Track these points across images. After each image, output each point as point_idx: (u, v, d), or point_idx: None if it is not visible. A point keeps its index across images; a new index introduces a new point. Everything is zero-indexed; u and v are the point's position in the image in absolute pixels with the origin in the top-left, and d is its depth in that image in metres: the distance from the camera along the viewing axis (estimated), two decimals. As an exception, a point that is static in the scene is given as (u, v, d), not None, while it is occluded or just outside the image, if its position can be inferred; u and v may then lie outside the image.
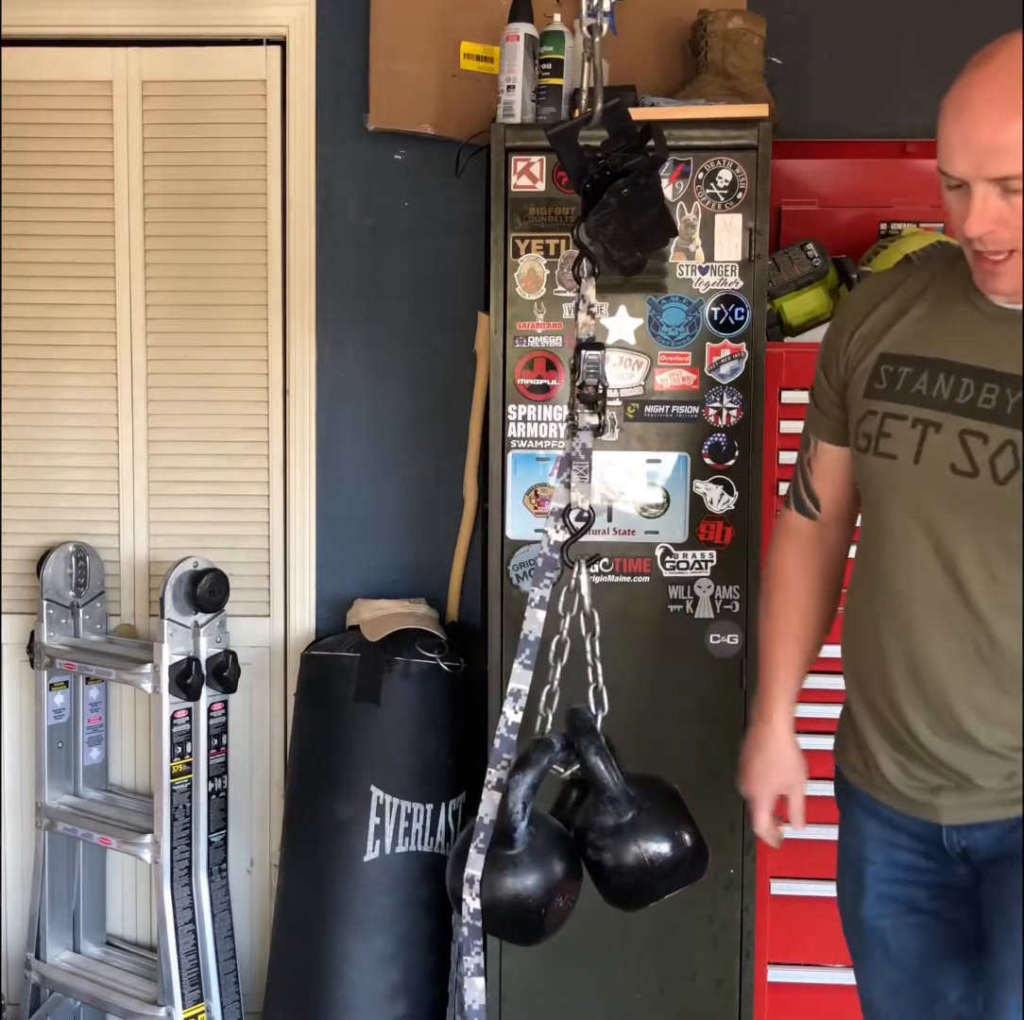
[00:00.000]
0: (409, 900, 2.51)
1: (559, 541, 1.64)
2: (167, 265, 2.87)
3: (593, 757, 1.54)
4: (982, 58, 1.46)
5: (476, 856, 1.41)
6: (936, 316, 1.53)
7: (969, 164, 1.38)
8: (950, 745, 1.52)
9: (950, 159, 1.40)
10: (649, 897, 1.61)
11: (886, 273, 1.79)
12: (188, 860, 2.62)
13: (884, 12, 2.74)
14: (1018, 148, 1.35)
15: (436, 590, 2.83)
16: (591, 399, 1.47)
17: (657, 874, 1.58)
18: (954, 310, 1.51)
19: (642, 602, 2.33)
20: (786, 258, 2.45)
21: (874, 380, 1.55)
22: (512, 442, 2.35)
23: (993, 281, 1.46)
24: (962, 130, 1.39)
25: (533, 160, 2.30)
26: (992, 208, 1.38)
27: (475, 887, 1.41)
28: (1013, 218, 1.38)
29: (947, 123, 1.41)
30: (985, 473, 1.44)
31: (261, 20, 2.79)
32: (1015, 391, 1.44)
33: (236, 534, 2.90)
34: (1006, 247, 1.41)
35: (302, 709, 2.67)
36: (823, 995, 2.46)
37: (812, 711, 2.41)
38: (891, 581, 1.54)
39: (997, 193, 1.38)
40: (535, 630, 1.59)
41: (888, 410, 1.52)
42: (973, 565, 1.47)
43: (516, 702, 1.52)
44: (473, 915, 1.41)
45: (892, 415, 1.51)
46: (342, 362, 2.86)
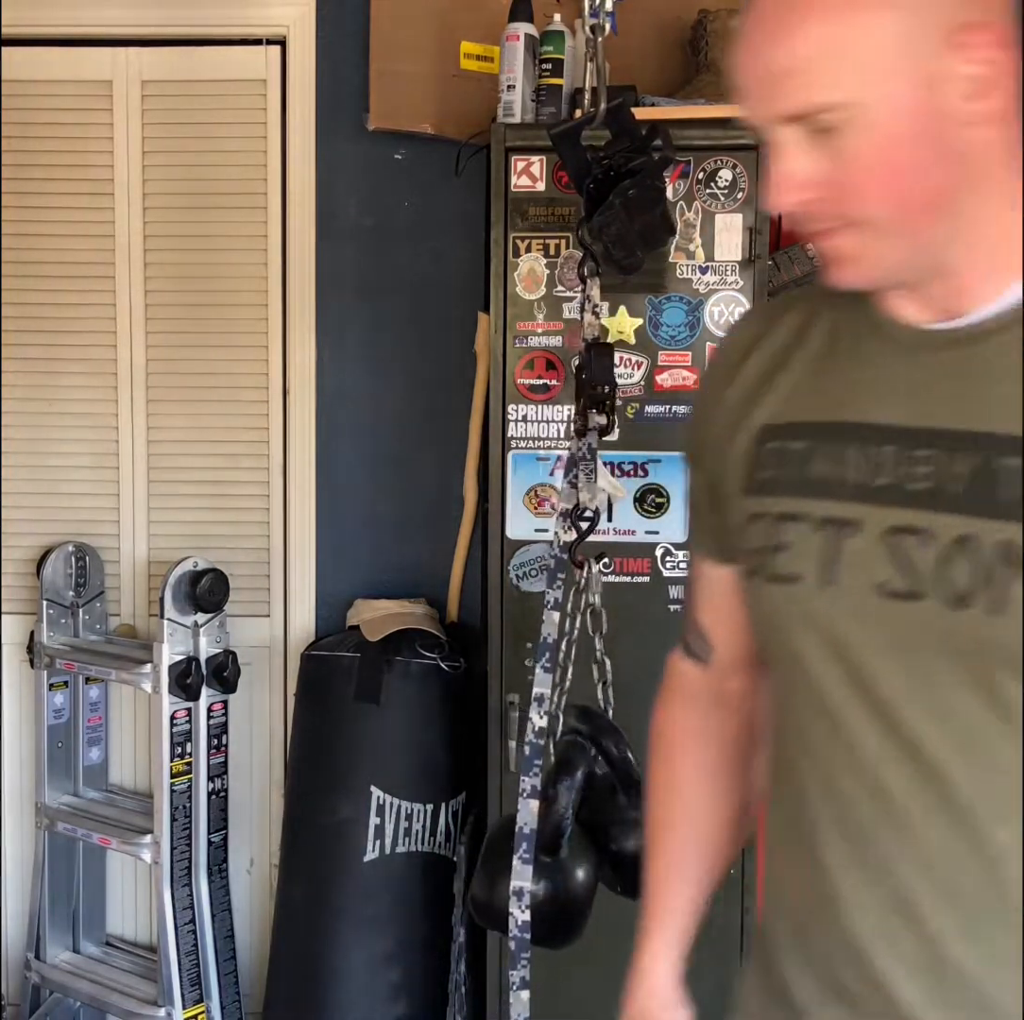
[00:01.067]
0: (409, 900, 2.51)
1: (568, 541, 1.63)
2: (167, 265, 2.86)
3: (625, 752, 1.54)
4: None
5: (522, 867, 1.39)
6: (834, 359, 1.02)
7: (762, 100, 0.93)
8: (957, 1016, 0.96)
9: (743, 100, 0.95)
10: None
11: (761, 306, 1.27)
12: (188, 860, 2.62)
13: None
14: (826, 65, 0.89)
15: (436, 590, 2.83)
16: (600, 399, 1.47)
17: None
18: (859, 346, 1.01)
19: (642, 602, 2.33)
20: (786, 258, 2.45)
21: (755, 467, 1.04)
22: (512, 442, 2.35)
23: (844, 270, 0.97)
24: (751, 55, 0.93)
25: (533, 160, 2.30)
26: (802, 160, 0.92)
27: (524, 899, 1.39)
28: (838, 169, 0.91)
29: (737, 53, 0.95)
30: (932, 592, 0.92)
31: (261, 20, 2.79)
32: (966, 455, 0.92)
33: (236, 534, 2.90)
34: (839, 215, 0.93)
35: (302, 709, 2.67)
36: (823, 995, 2.46)
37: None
38: (823, 778, 1.00)
39: (805, 138, 0.91)
40: (552, 633, 1.59)
41: (781, 509, 1.01)
42: (945, 745, 0.93)
43: (541, 707, 1.51)
44: (521, 927, 1.39)
45: (787, 516, 1.00)
46: (342, 362, 2.86)
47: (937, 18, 0.88)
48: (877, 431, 0.97)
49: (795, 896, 1.06)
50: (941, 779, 0.93)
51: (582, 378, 1.46)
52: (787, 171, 0.93)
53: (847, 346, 1.02)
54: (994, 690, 0.91)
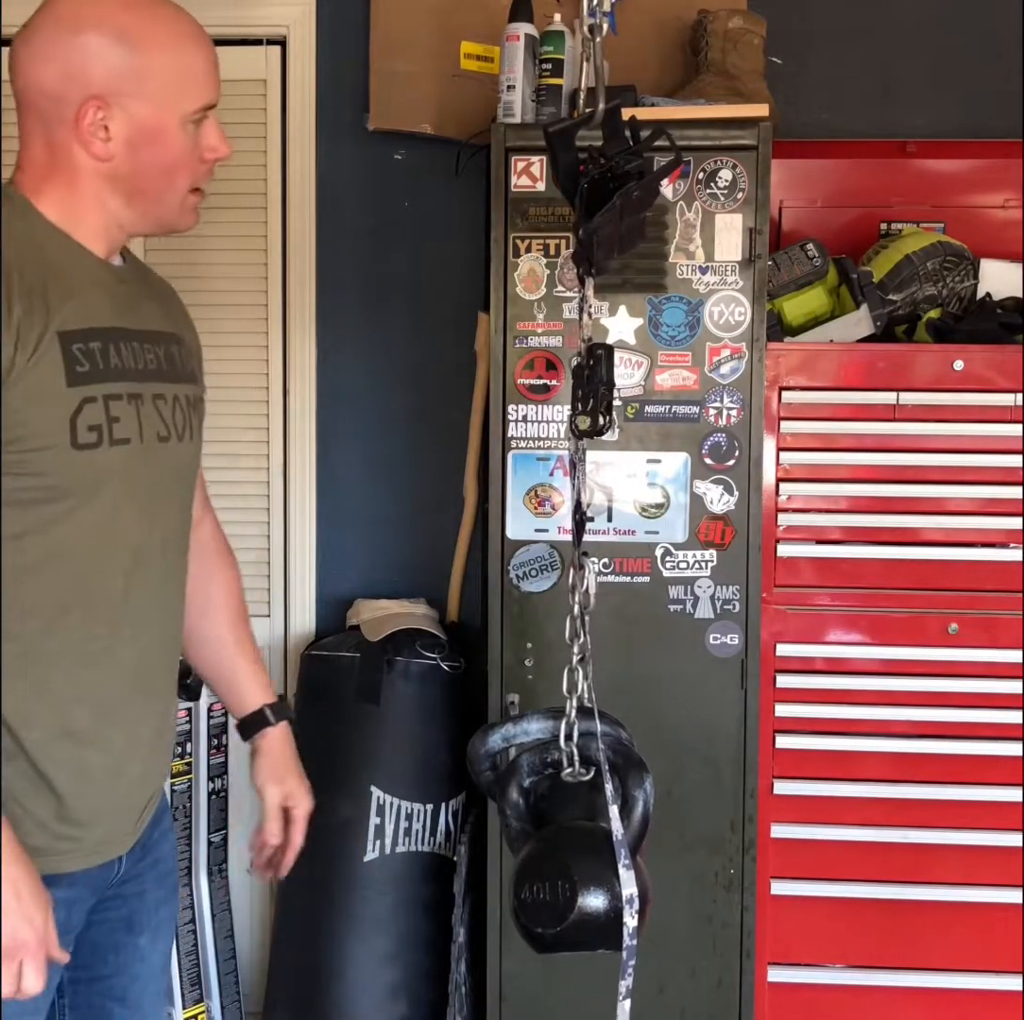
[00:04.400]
0: (409, 900, 2.51)
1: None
2: (167, 265, 2.84)
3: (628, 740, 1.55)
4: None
5: (628, 874, 1.40)
6: (72, 276, 1.36)
7: (217, 85, 1.47)
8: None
9: (208, 87, 1.45)
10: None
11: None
12: (188, 860, 2.63)
13: (884, 12, 2.74)
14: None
15: (436, 590, 2.83)
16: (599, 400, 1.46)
17: (644, 830, 1.58)
18: (87, 271, 1.39)
19: (642, 602, 2.33)
20: (786, 258, 2.45)
21: (73, 363, 1.32)
22: (512, 442, 2.34)
23: (194, 215, 1.51)
24: (213, 60, 1.46)
25: (533, 160, 2.30)
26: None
27: (635, 904, 1.39)
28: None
29: (190, 53, 1.42)
30: (172, 434, 1.45)
31: (261, 20, 2.79)
32: (160, 345, 1.46)
33: (236, 534, 2.88)
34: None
35: (302, 709, 2.66)
36: (823, 995, 2.46)
37: (814, 712, 2.42)
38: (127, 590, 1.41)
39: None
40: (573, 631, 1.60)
41: (105, 392, 1.35)
42: (182, 537, 1.52)
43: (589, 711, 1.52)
44: (632, 934, 1.40)
45: (111, 396, 1.36)
46: (342, 362, 2.86)
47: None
48: (127, 333, 1.40)
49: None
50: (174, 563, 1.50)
51: (582, 378, 1.46)
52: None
53: (78, 270, 1.38)
54: (187, 493, 1.52)
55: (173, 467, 1.48)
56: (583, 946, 1.44)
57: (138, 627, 1.43)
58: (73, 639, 1.37)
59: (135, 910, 1.54)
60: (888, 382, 2.36)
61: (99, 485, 1.35)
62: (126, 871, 1.49)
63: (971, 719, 2.39)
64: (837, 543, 2.40)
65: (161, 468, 1.45)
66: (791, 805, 2.42)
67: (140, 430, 1.40)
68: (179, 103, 1.41)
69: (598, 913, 1.39)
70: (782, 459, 2.38)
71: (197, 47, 1.44)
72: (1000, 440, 2.36)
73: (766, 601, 2.37)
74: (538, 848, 1.48)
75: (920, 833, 2.41)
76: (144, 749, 1.47)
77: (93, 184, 1.39)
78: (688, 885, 2.35)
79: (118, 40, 1.35)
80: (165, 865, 1.59)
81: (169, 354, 1.48)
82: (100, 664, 1.39)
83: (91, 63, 1.35)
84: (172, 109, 1.40)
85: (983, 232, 2.63)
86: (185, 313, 1.62)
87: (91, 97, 1.35)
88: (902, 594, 2.39)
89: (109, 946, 1.52)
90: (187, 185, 1.45)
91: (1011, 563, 2.37)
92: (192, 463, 1.55)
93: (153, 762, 1.51)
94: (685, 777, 2.33)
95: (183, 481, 1.52)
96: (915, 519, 2.38)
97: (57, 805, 1.37)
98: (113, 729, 1.42)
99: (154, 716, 1.50)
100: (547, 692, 2.29)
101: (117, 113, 1.36)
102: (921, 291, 2.49)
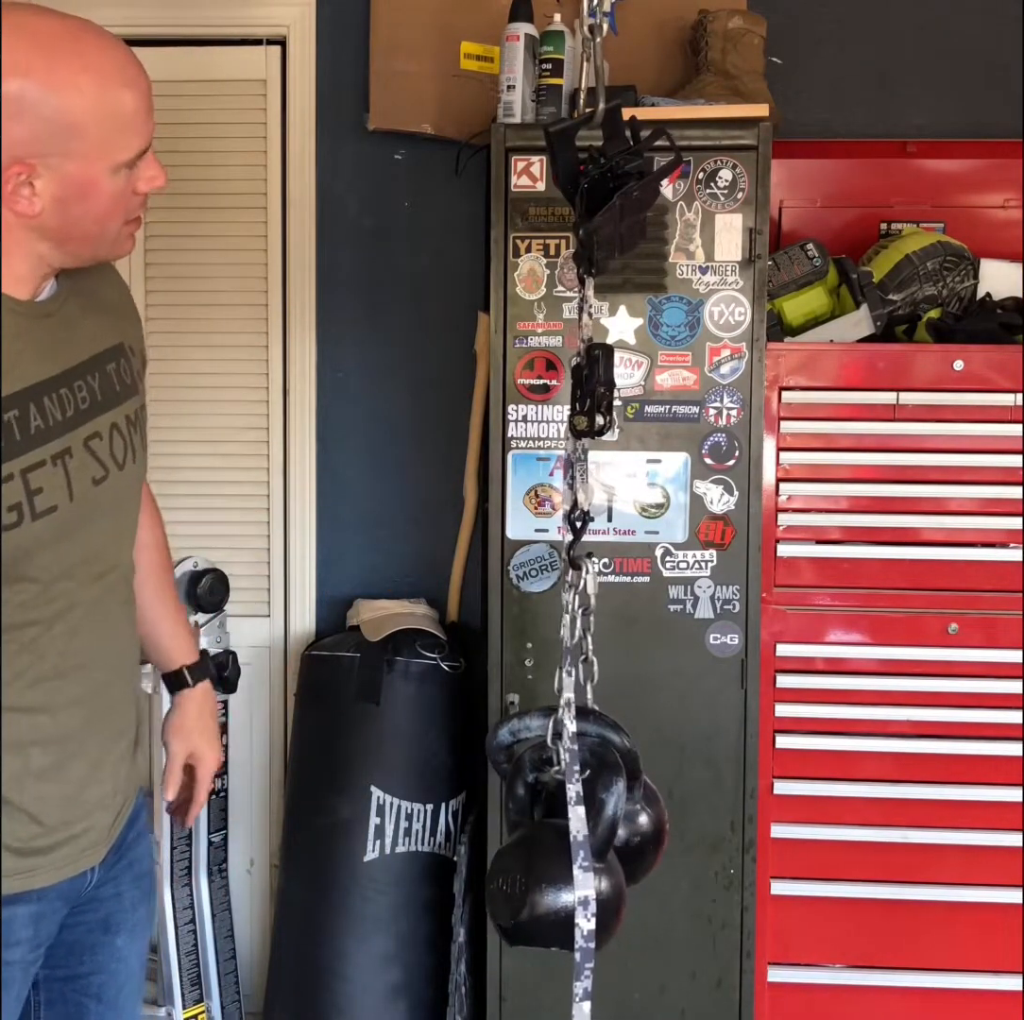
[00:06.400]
0: (409, 900, 2.51)
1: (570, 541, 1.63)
2: (167, 265, 2.87)
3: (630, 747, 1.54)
4: (88, 32, 1.29)
5: (584, 876, 1.39)
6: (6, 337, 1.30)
7: (150, 124, 1.36)
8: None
9: (141, 131, 1.34)
10: (658, 855, 1.59)
11: None
12: (188, 860, 2.62)
13: (884, 12, 2.74)
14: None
15: (436, 590, 2.83)
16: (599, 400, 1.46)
17: (663, 832, 1.58)
18: (6, 327, 1.29)
19: (642, 602, 2.33)
20: (786, 258, 2.45)
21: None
22: (512, 442, 2.34)
23: (130, 242, 1.41)
24: (145, 95, 1.35)
25: (533, 160, 2.30)
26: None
27: (590, 907, 1.39)
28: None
29: (119, 96, 1.29)
30: (111, 468, 1.40)
31: (261, 20, 2.79)
32: (95, 373, 1.39)
33: (236, 534, 2.90)
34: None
35: (302, 709, 2.67)
36: (823, 995, 2.46)
37: (814, 712, 2.42)
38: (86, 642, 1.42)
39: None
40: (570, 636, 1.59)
41: (23, 466, 1.28)
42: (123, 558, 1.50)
43: (570, 711, 1.51)
44: (587, 937, 1.39)
45: (30, 467, 1.29)
46: (342, 362, 2.86)
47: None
48: (54, 381, 1.33)
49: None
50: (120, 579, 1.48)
51: (582, 379, 1.45)
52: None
53: (8, 332, 1.30)
54: (131, 517, 1.51)
55: (112, 502, 1.43)
56: (539, 943, 1.45)
57: (90, 665, 1.43)
58: (23, 684, 1.36)
59: (112, 911, 1.54)
60: (888, 382, 2.36)
61: (30, 557, 1.32)
62: (100, 877, 1.50)
63: (971, 719, 2.39)
64: (837, 543, 2.40)
65: (101, 512, 1.41)
66: (791, 805, 2.42)
67: (69, 489, 1.34)
68: (110, 155, 1.30)
69: (549, 912, 1.40)
70: (782, 459, 2.38)
71: (125, 86, 1.30)
72: (1000, 440, 2.36)
73: (766, 601, 2.37)
74: (511, 843, 1.50)
75: (920, 833, 2.41)
76: (108, 770, 1.48)
77: (19, 234, 1.30)
78: (688, 885, 2.35)
79: (37, 92, 1.23)
80: (141, 866, 1.60)
81: (106, 377, 1.42)
82: (54, 705, 1.39)
83: (8, 124, 1.22)
84: (102, 162, 1.29)
85: (983, 232, 2.63)
86: (124, 295, 1.54)
87: (13, 161, 1.24)
88: (902, 594, 2.39)
89: (86, 946, 1.53)
90: (121, 223, 1.37)
91: (1011, 563, 2.37)
92: (135, 486, 1.50)
93: (122, 777, 1.51)
94: (685, 777, 2.33)
95: (125, 509, 1.48)
96: (915, 519, 2.38)
97: (24, 829, 1.37)
98: (74, 763, 1.42)
99: (117, 740, 1.50)
100: (547, 692, 2.27)
101: (43, 172, 1.26)
102: (921, 291, 2.50)
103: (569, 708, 1.50)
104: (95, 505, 1.39)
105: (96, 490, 1.38)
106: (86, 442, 1.37)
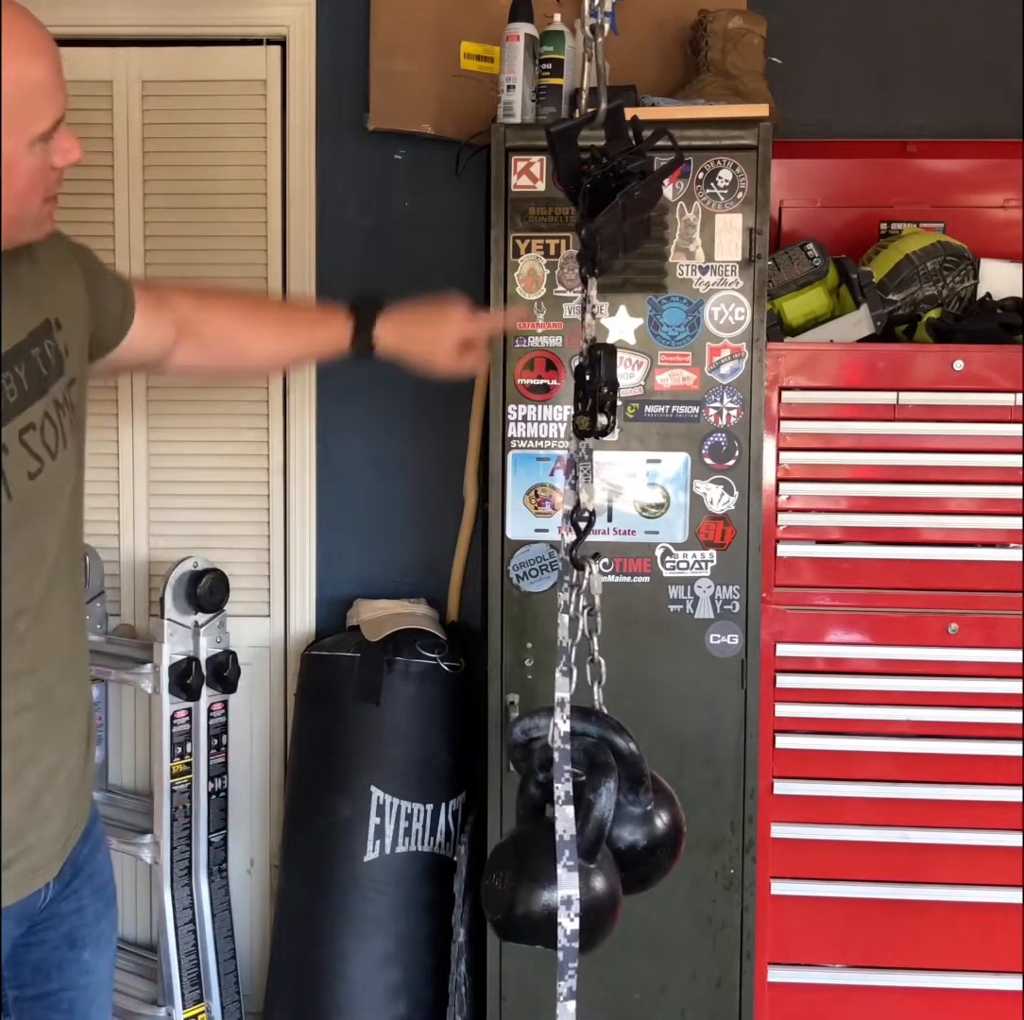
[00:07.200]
0: (409, 900, 2.51)
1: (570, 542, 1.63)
2: (167, 265, 2.86)
3: (633, 749, 1.53)
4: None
5: (568, 876, 1.39)
6: None
7: (64, 92, 1.28)
8: None
9: (55, 100, 1.25)
10: (674, 858, 1.58)
11: None
12: (188, 860, 2.62)
13: (884, 12, 2.74)
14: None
15: (436, 590, 2.83)
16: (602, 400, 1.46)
17: (680, 834, 1.56)
18: None
19: (642, 602, 2.33)
20: (786, 258, 2.45)
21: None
22: (512, 442, 2.34)
23: (50, 223, 1.36)
24: (55, 62, 1.25)
25: (533, 160, 2.30)
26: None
27: (573, 907, 1.39)
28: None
29: (29, 66, 1.22)
30: (45, 459, 1.36)
31: (261, 20, 2.79)
32: (21, 362, 1.33)
33: (236, 534, 2.90)
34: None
35: (302, 709, 2.67)
36: (823, 995, 2.46)
37: (814, 712, 2.42)
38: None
39: None
40: (566, 636, 1.59)
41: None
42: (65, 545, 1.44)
43: (563, 711, 1.51)
44: (570, 936, 1.39)
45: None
46: (342, 362, 2.85)
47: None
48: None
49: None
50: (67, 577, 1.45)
51: (584, 378, 1.45)
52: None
53: None
54: (73, 502, 1.46)
55: (48, 492, 1.40)
56: (526, 940, 1.46)
57: (39, 669, 1.41)
58: None
59: (75, 926, 1.53)
60: (888, 382, 2.36)
61: None
62: (56, 893, 1.48)
63: (971, 719, 2.39)
64: (837, 543, 2.40)
65: (39, 506, 1.39)
66: (791, 805, 2.42)
67: (6, 487, 1.32)
68: (24, 128, 1.24)
69: (534, 910, 1.40)
70: (782, 459, 2.38)
71: (36, 55, 1.24)
72: (1000, 440, 2.36)
73: (766, 601, 2.37)
74: (508, 838, 1.51)
75: (920, 833, 2.41)
76: (62, 777, 1.46)
77: None
78: (688, 885, 2.35)
79: None
80: (100, 877, 1.58)
81: (32, 364, 1.36)
82: (4, 712, 1.37)
83: None
84: (17, 136, 1.23)
85: (983, 232, 2.64)
86: (46, 257, 1.43)
87: None
88: (902, 594, 2.39)
89: (53, 964, 1.52)
90: (41, 202, 1.32)
91: (1011, 563, 2.37)
92: (67, 473, 1.45)
93: (75, 787, 1.50)
94: (685, 777, 2.33)
95: (62, 495, 1.44)
96: (915, 519, 2.38)
97: None
98: (28, 769, 1.41)
99: (71, 747, 1.48)
100: (547, 692, 2.26)
101: None
102: (921, 291, 2.50)
103: (562, 708, 1.50)
104: (33, 500, 1.36)
105: (32, 484, 1.36)
106: (20, 434, 1.33)
